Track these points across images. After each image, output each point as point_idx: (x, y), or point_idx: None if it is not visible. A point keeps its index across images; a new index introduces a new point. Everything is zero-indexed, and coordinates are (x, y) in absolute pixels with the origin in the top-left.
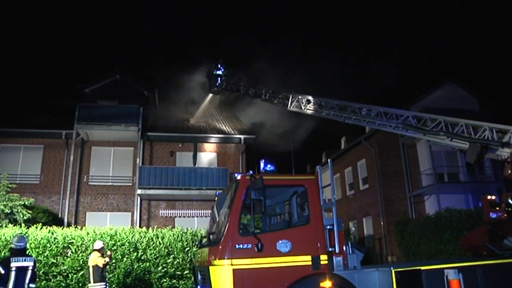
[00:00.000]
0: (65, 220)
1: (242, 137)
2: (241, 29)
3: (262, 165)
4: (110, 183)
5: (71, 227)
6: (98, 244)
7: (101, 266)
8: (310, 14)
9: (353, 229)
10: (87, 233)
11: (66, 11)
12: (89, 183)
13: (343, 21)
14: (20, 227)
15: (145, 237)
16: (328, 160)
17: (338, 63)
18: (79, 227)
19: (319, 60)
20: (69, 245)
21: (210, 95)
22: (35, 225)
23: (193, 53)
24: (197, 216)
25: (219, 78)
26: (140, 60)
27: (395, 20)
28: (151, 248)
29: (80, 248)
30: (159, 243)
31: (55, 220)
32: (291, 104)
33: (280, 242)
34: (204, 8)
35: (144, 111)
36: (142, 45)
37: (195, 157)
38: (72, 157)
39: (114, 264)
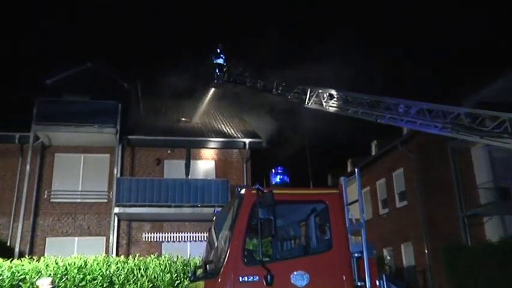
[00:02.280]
0: (16, 249)
1: (247, 140)
2: (240, 12)
3: (272, 176)
4: (79, 200)
5: (24, 258)
6: (44, 282)
7: None
8: None
9: (388, 258)
10: (47, 265)
11: None
12: (51, 200)
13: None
14: None
15: (123, 268)
16: (355, 170)
17: (359, 50)
18: (35, 258)
19: (338, 48)
20: (20, 283)
21: (211, 90)
22: None
23: (187, 39)
24: (190, 241)
25: (219, 69)
26: (120, 48)
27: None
28: (132, 282)
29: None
30: (142, 275)
31: (2, 250)
32: (309, 99)
33: (295, 273)
34: None
35: (123, 109)
36: (121, 30)
37: (188, 166)
38: (28, 167)
39: None
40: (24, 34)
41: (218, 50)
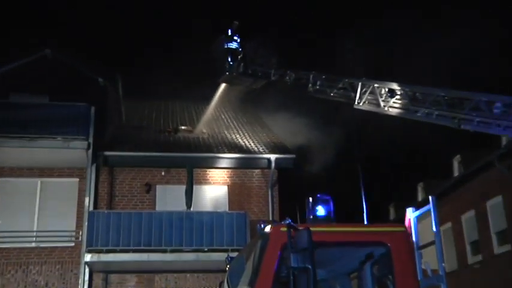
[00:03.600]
0: None
1: (272, 157)
2: None
3: (309, 207)
4: (34, 244)
5: None
6: None
7: None
8: None
9: None
10: None
11: None
12: None
13: None
14: None
15: None
16: (430, 198)
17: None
18: None
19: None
20: None
21: (221, 86)
22: None
23: (184, 22)
24: None
25: (232, 56)
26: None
27: None
28: None
29: None
30: None
31: None
32: (360, 97)
33: None
34: None
35: (98, 114)
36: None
37: (190, 194)
38: None
39: None
40: None
41: (230, 32)
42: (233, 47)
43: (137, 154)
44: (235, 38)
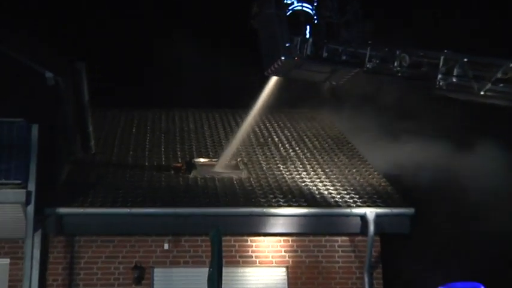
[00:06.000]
0: None
1: (370, 212)
2: None
3: None
4: None
5: None
6: None
7: None
8: None
9: None
10: None
11: None
12: None
13: None
14: None
15: None
16: None
17: None
18: None
19: None
20: None
21: (271, 81)
22: None
23: None
24: None
25: (294, 29)
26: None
27: None
28: None
29: None
30: None
31: None
32: None
33: None
34: None
35: (47, 136)
36: None
37: (216, 283)
38: None
39: None
40: None
41: None
42: (301, 8)
43: (117, 211)
44: None
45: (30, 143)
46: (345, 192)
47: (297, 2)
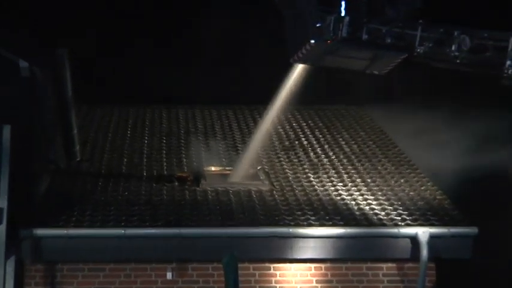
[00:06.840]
0: None
1: (423, 232)
2: None
3: None
4: None
5: None
6: None
7: None
8: None
9: None
10: None
11: None
12: None
13: None
14: None
15: None
16: None
17: None
18: None
19: None
20: None
21: (297, 69)
22: None
23: None
24: None
25: (327, 7)
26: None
27: None
28: None
29: None
30: None
31: None
32: None
33: None
34: None
35: (22, 140)
36: None
37: None
38: None
39: None
40: None
41: None
42: None
43: (109, 233)
44: None
45: (1, 148)
46: (391, 207)
47: None
